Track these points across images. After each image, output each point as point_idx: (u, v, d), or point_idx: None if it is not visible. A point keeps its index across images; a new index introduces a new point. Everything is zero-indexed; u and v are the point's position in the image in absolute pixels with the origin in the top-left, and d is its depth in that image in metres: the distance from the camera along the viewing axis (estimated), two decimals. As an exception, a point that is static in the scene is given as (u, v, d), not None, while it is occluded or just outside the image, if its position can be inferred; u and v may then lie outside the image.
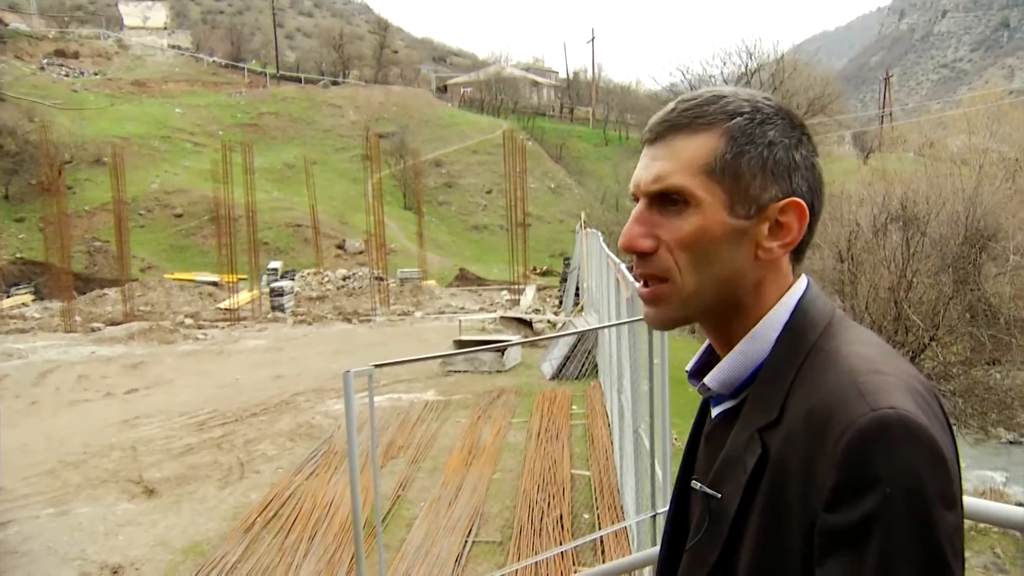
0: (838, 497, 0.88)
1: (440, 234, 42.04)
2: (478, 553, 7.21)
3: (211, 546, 7.47)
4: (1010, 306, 21.09)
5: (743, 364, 1.08)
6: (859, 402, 0.90)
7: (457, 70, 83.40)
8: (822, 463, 0.90)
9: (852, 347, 1.01)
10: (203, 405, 12.87)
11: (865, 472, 0.87)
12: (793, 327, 1.05)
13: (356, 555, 3.64)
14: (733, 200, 1.05)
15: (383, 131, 46.80)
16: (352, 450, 3.62)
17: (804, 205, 1.06)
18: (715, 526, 1.03)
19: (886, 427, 0.88)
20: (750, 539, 0.98)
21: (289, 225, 35.79)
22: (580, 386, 13.18)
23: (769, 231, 1.06)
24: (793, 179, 1.06)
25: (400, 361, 3.82)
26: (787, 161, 1.06)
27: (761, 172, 1.05)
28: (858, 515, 0.86)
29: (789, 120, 1.08)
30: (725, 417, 1.11)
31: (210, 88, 54.79)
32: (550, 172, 52.28)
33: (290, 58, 70.39)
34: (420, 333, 20.08)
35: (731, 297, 1.08)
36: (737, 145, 1.05)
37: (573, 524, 7.70)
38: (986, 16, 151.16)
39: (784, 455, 0.96)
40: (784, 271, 1.09)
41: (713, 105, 1.07)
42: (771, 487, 0.96)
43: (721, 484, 1.04)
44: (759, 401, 1.03)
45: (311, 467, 9.51)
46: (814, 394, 0.96)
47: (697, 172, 1.05)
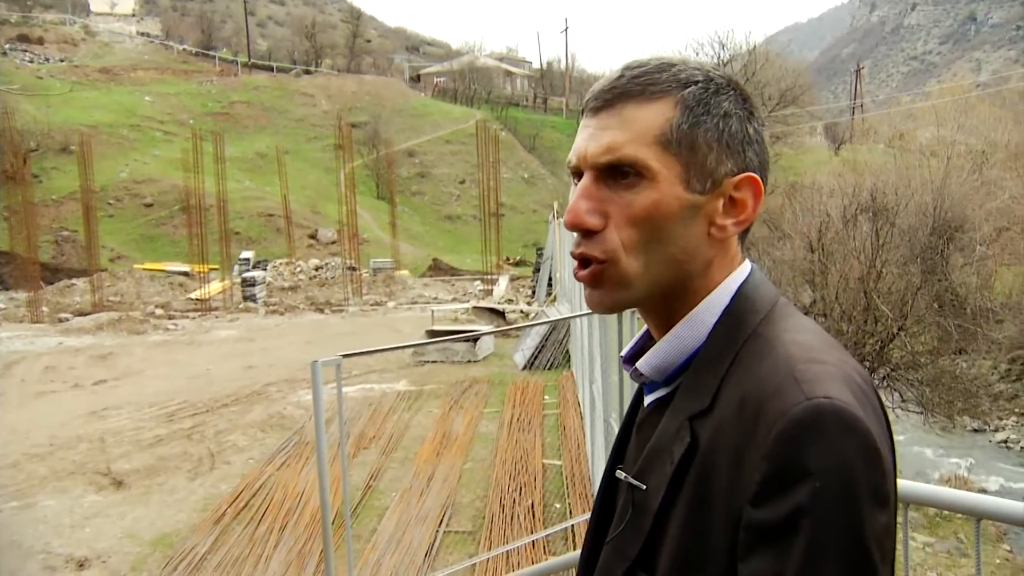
0: (766, 490, 0.83)
1: (413, 224, 41.90)
2: (449, 543, 7.21)
3: (180, 538, 7.41)
4: (976, 296, 21.39)
5: (678, 349, 1.01)
6: (794, 390, 0.85)
7: (430, 60, 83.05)
8: (752, 454, 0.85)
9: (791, 335, 0.95)
10: (173, 396, 12.75)
11: (795, 464, 0.82)
12: (733, 312, 0.99)
13: (325, 546, 3.63)
14: (689, 173, 0.98)
15: (356, 121, 46.52)
16: (320, 440, 3.60)
17: (759, 180, 1.00)
18: (637, 518, 0.97)
19: (820, 417, 0.83)
20: (674, 531, 0.92)
21: (261, 215, 35.51)
22: (552, 376, 13.20)
23: (724, 207, 0.99)
24: (747, 153, 1.00)
25: (369, 351, 3.81)
26: (742, 134, 1.00)
27: (717, 144, 0.98)
28: (785, 509, 0.81)
29: (739, 92, 1.02)
30: (657, 405, 1.04)
31: (180, 76, 54.17)
32: (523, 162, 52.24)
33: (262, 47, 69.74)
34: (393, 323, 20.03)
35: (680, 278, 1.01)
36: (693, 115, 0.98)
37: (544, 513, 7.71)
38: (954, 10, 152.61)
39: (713, 445, 0.90)
40: (733, 252, 1.03)
41: (665, 72, 1.00)
42: (698, 478, 0.91)
43: (647, 475, 0.97)
44: (692, 388, 0.97)
45: (282, 458, 9.46)
46: (747, 381, 0.90)
47: (651, 143, 0.97)
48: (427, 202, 46.44)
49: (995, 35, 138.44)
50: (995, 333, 20.13)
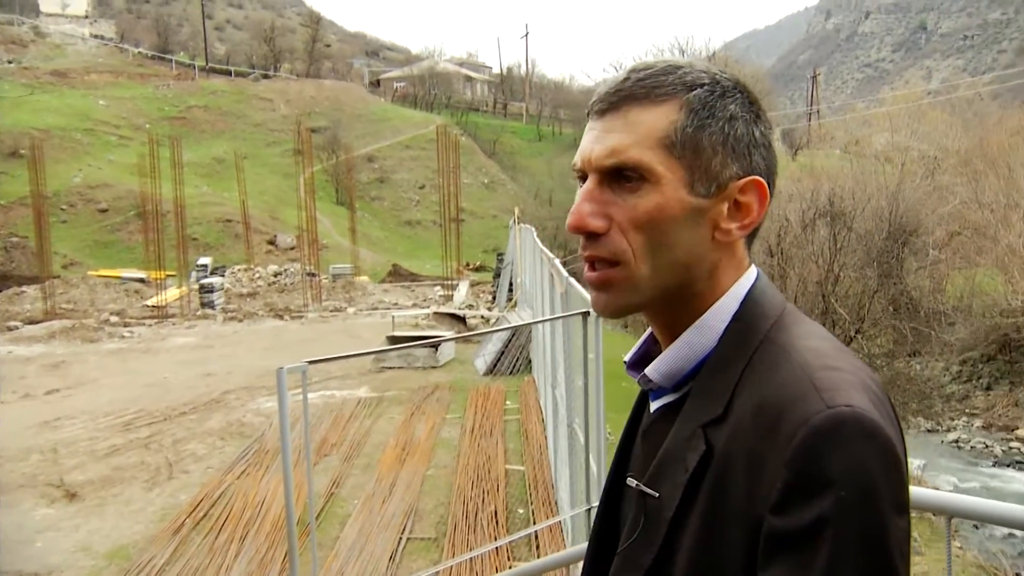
0: (787, 498, 0.82)
1: (373, 230, 41.73)
2: (413, 550, 7.17)
3: (137, 549, 7.26)
4: (929, 299, 21.82)
5: (688, 355, 1.00)
6: (814, 399, 0.85)
7: (390, 64, 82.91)
8: (771, 462, 0.84)
9: (805, 341, 0.94)
10: (129, 404, 12.50)
11: (818, 472, 0.82)
12: (742, 318, 0.99)
13: (290, 553, 3.56)
14: (693, 177, 0.97)
15: (315, 126, 46.23)
16: (285, 448, 3.53)
17: (765, 184, 0.99)
18: (651, 527, 0.96)
19: (842, 425, 0.83)
20: (688, 541, 0.91)
21: (219, 220, 35.10)
22: (514, 381, 13.18)
23: (728, 211, 0.99)
24: (753, 156, 0.99)
25: (334, 357, 3.75)
26: (748, 137, 0.99)
27: (722, 148, 0.98)
28: (808, 518, 0.81)
29: (746, 95, 1.01)
30: (665, 411, 1.04)
31: (136, 80, 53.34)
32: (483, 167, 52.29)
33: (219, 50, 69.09)
34: (353, 329, 19.89)
35: (686, 283, 1.00)
36: (698, 118, 0.97)
37: (508, 519, 7.69)
38: (906, 18, 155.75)
39: (729, 453, 0.89)
40: (739, 256, 1.03)
41: (671, 75, 0.99)
42: (714, 487, 0.90)
43: (659, 483, 0.97)
44: (704, 395, 0.96)
45: (242, 466, 9.32)
46: (763, 388, 0.90)
47: (656, 146, 0.97)
48: (387, 207, 46.28)
49: (944, 44, 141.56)
50: (947, 335, 20.56)
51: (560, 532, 6.93)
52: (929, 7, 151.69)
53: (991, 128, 29.95)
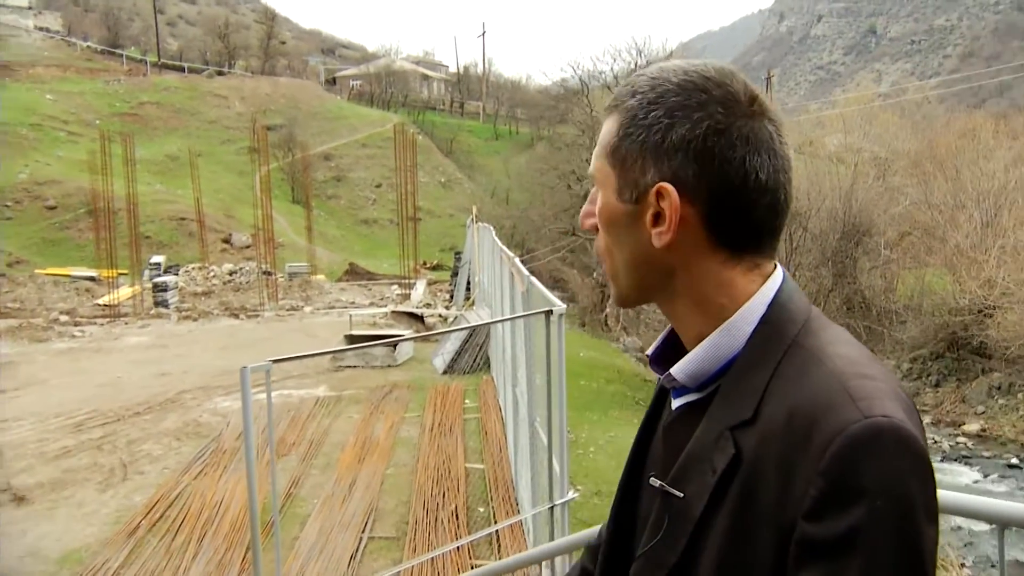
0: (822, 506, 0.83)
1: (329, 228, 41.45)
2: (374, 549, 7.15)
3: (90, 553, 7.12)
4: (882, 299, 22.24)
5: (714, 357, 1.01)
6: (849, 407, 0.85)
7: (346, 62, 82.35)
8: (804, 468, 0.85)
9: (835, 347, 0.95)
10: (81, 405, 12.24)
11: (854, 481, 0.82)
12: (770, 321, 0.99)
13: (253, 553, 3.51)
14: (620, 184, 1.02)
15: (271, 123, 45.84)
16: (249, 447, 3.48)
17: (671, 190, 0.97)
18: (675, 527, 0.97)
19: (879, 436, 0.83)
20: (714, 542, 0.92)
21: (172, 219, 34.53)
22: (472, 380, 13.17)
23: (652, 219, 1.00)
24: (671, 163, 0.97)
25: (298, 356, 3.71)
26: (665, 143, 0.98)
27: (640, 155, 0.99)
28: (843, 526, 0.82)
29: (691, 96, 0.98)
30: (688, 410, 1.04)
31: (85, 75, 52.26)
32: (440, 166, 52.20)
33: (172, 46, 67.99)
34: (310, 328, 19.73)
35: (647, 283, 1.05)
36: (622, 128, 1.01)
37: (468, 518, 7.69)
38: (856, 22, 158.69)
39: (759, 457, 0.90)
40: (711, 259, 1.01)
41: (626, 87, 1.03)
42: (743, 490, 0.91)
43: (684, 483, 0.97)
44: (731, 397, 0.97)
45: (199, 466, 9.21)
46: (796, 395, 0.90)
47: (601, 154, 1.04)
48: (343, 206, 46.00)
49: (893, 48, 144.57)
50: (899, 334, 20.97)
51: (521, 531, 6.94)
52: (879, 12, 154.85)
53: (939, 131, 30.58)
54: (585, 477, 8.87)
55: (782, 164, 1.00)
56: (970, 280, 19.13)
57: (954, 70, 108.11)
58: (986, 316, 18.70)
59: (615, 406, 14.08)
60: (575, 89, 37.75)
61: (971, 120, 31.33)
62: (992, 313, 18.37)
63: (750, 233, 1.00)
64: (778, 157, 0.99)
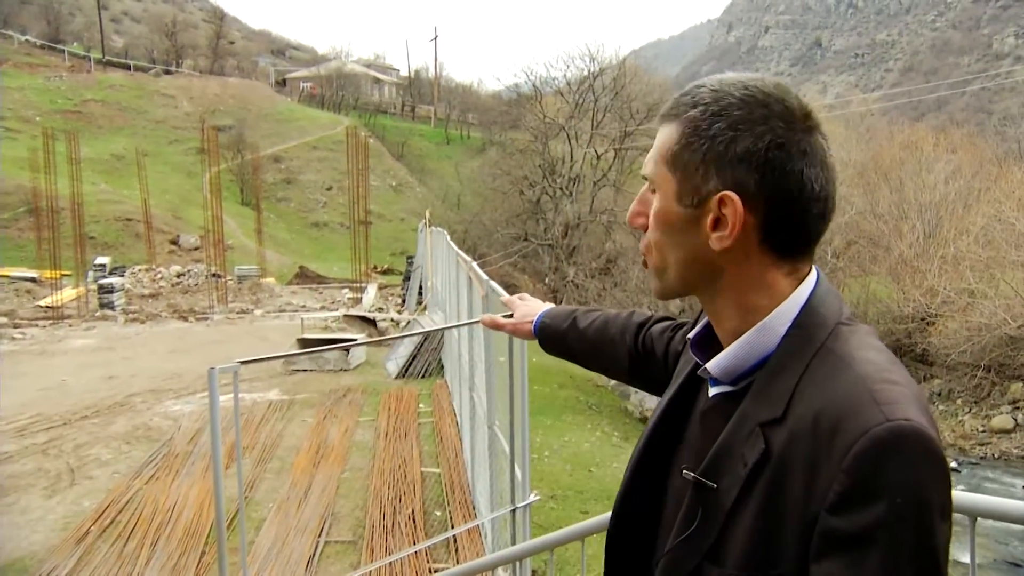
0: (844, 501, 0.90)
1: (279, 231, 40.99)
2: (331, 553, 7.08)
3: (36, 560, 6.90)
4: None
5: (749, 355, 1.08)
6: (873, 411, 0.92)
7: (296, 64, 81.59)
8: (828, 466, 0.92)
9: (862, 352, 1.01)
10: (23, 409, 11.87)
11: (876, 480, 0.89)
12: (802, 324, 1.06)
13: (219, 557, 3.49)
14: (681, 189, 1.09)
15: (220, 124, 45.13)
16: (216, 450, 3.46)
17: (736, 199, 1.04)
18: (709, 515, 1.04)
19: (901, 438, 0.90)
20: (743, 531, 1.00)
21: (118, 219, 33.79)
22: (426, 384, 13.13)
23: (712, 223, 1.07)
24: (735, 172, 1.05)
25: (266, 358, 3.72)
26: (729, 154, 1.05)
27: (703, 164, 1.06)
28: (865, 520, 0.88)
29: (753, 111, 1.05)
30: (723, 399, 1.12)
31: (24, 70, 50.95)
32: (391, 170, 51.98)
33: (117, 43, 66.67)
34: (261, 331, 19.48)
35: (695, 280, 1.13)
36: (685, 137, 1.08)
37: (425, 521, 7.66)
38: (802, 34, 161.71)
39: (787, 453, 0.97)
40: (759, 262, 1.08)
41: (687, 97, 1.10)
42: (771, 483, 0.98)
43: (718, 475, 1.05)
44: (762, 395, 1.04)
45: (151, 470, 9.03)
46: (823, 397, 0.97)
47: (660, 160, 1.12)
48: (293, 209, 45.55)
49: (838, 60, 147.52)
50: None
51: (479, 535, 6.95)
52: (824, 25, 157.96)
53: (883, 143, 31.35)
54: (540, 481, 8.92)
55: (831, 175, 1.08)
56: (913, 289, 19.63)
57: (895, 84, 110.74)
58: (928, 324, 19.21)
59: (568, 411, 14.17)
60: (528, 95, 37.84)
61: (913, 133, 32.18)
62: (934, 321, 18.88)
63: (800, 240, 1.08)
64: (828, 168, 1.08)
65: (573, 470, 10.12)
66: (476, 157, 48.50)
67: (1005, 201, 20.19)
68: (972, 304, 18.20)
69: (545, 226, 33.68)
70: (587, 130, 33.97)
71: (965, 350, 17.87)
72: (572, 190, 33.26)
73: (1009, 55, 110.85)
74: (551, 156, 34.22)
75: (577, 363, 1.85)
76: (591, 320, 1.76)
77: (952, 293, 18.84)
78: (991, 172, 25.57)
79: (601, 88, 34.25)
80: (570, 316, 1.79)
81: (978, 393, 18.29)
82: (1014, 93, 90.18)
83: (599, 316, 1.76)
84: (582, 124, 34.20)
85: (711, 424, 1.11)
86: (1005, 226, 19.38)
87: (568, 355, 1.83)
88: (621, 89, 33.69)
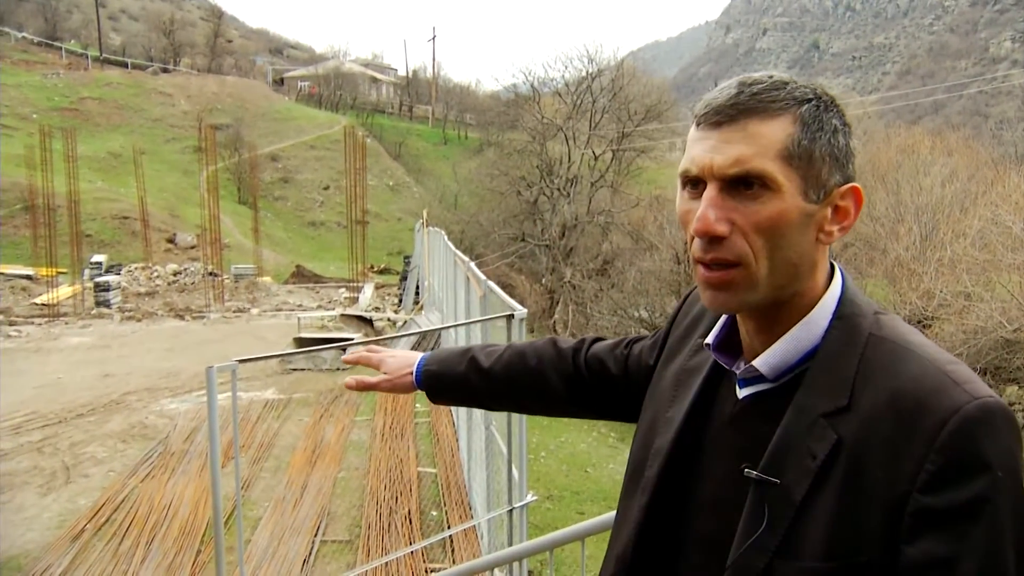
0: (942, 479, 0.91)
1: (276, 230, 40.95)
2: (327, 553, 7.09)
3: (31, 559, 6.91)
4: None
5: (795, 350, 1.09)
6: (956, 390, 0.95)
7: (294, 63, 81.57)
8: (914, 447, 0.93)
9: (915, 337, 1.05)
10: (19, 407, 11.87)
11: (975, 456, 0.91)
12: (844, 315, 1.08)
13: (216, 555, 3.49)
14: (807, 185, 1.06)
15: (217, 122, 45.11)
16: (214, 448, 3.46)
17: (860, 189, 1.09)
18: (776, 512, 1.03)
19: (993, 415, 0.93)
20: (821, 522, 0.99)
21: (115, 217, 33.69)
22: (423, 385, 13.11)
23: (831, 215, 1.08)
24: (851, 165, 1.09)
25: (264, 356, 3.73)
26: (847, 148, 1.08)
27: (829, 158, 1.07)
28: (967, 495, 0.90)
29: (840, 109, 1.10)
30: (757, 399, 1.12)
31: (20, 67, 50.79)
32: (389, 170, 51.95)
33: (115, 41, 66.54)
34: (257, 330, 19.46)
35: (793, 282, 1.09)
36: (810, 131, 1.06)
37: (422, 521, 7.67)
38: (800, 36, 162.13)
39: (862, 440, 0.98)
40: (825, 256, 1.12)
41: (782, 90, 1.07)
42: (847, 472, 0.98)
43: (781, 470, 1.03)
44: (820, 387, 1.04)
45: (146, 469, 9.04)
46: (894, 381, 0.99)
47: (776, 157, 1.05)
48: (290, 208, 45.49)
49: (835, 63, 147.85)
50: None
51: (475, 535, 6.96)
52: (821, 27, 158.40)
53: (880, 145, 31.33)
54: (536, 482, 8.93)
55: None
56: (910, 291, 19.62)
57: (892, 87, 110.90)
58: (925, 327, 19.19)
59: (564, 411, 14.15)
60: (526, 95, 37.81)
61: (909, 136, 32.20)
62: (930, 324, 18.86)
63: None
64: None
65: (570, 470, 10.13)
66: (474, 157, 48.42)
67: (1001, 204, 20.18)
68: (968, 307, 18.20)
69: (542, 227, 33.65)
70: (585, 131, 33.94)
71: (961, 353, 17.85)
72: (569, 191, 33.23)
73: (1005, 59, 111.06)
74: (549, 157, 34.18)
75: (481, 406, 1.75)
76: (497, 355, 1.63)
77: (948, 296, 18.84)
78: (987, 175, 25.58)
79: (599, 89, 34.22)
80: (464, 356, 1.66)
81: (974, 396, 18.25)
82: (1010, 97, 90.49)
83: (505, 350, 1.65)
84: (580, 125, 34.17)
85: (747, 424, 1.12)
86: (1001, 229, 19.37)
87: (470, 399, 1.71)
88: (619, 90, 33.65)
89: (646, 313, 19.00)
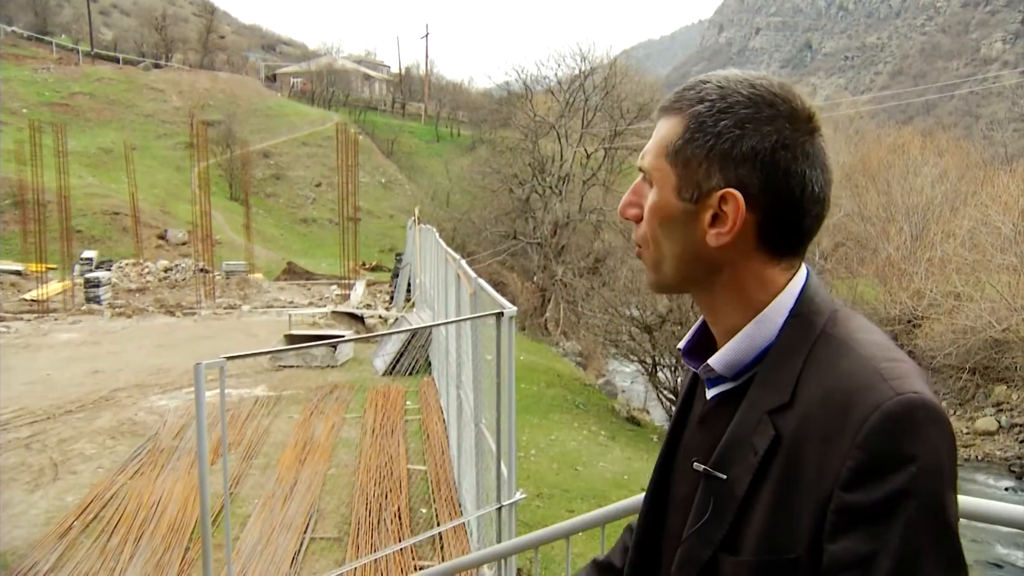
0: (861, 476, 0.91)
1: (267, 227, 40.85)
2: (316, 549, 7.07)
3: (17, 556, 6.85)
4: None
5: (749, 347, 1.09)
6: (883, 386, 0.94)
7: (286, 59, 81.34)
8: (840, 444, 0.93)
9: (864, 335, 1.04)
10: (7, 403, 11.77)
11: (893, 452, 0.90)
12: (799, 314, 1.07)
13: (204, 552, 3.48)
14: (680, 184, 1.08)
15: (209, 119, 44.96)
16: (202, 445, 3.46)
17: (738, 197, 1.05)
18: (721, 506, 1.05)
19: (913, 410, 0.92)
20: (759, 517, 1.00)
21: (106, 213, 33.55)
22: (413, 382, 13.11)
23: (711, 219, 1.07)
24: (738, 171, 1.05)
25: (252, 353, 3.72)
26: (733, 152, 1.05)
27: (706, 160, 1.06)
28: (884, 492, 0.90)
29: (760, 110, 1.06)
30: (723, 399, 1.13)
31: (10, 61, 50.49)
32: (381, 167, 51.90)
33: (106, 36, 66.28)
34: (248, 327, 19.40)
35: (692, 276, 1.12)
36: (689, 132, 1.07)
37: (411, 518, 7.66)
38: (792, 36, 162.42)
39: (798, 436, 0.98)
40: (756, 259, 1.09)
41: (691, 91, 1.09)
42: (784, 468, 0.99)
43: (727, 466, 1.05)
44: (767, 384, 1.05)
45: (136, 466, 8.99)
46: (831, 378, 0.99)
47: (660, 153, 1.10)
48: (282, 204, 45.41)
49: (827, 63, 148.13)
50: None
51: (464, 532, 6.96)
52: (814, 27, 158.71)
53: (871, 145, 31.50)
54: (527, 480, 8.93)
55: (830, 177, 1.10)
56: (900, 291, 19.74)
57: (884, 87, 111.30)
58: (914, 326, 19.31)
59: (555, 409, 14.18)
60: (518, 93, 37.79)
61: (900, 136, 32.35)
62: (920, 323, 18.99)
63: (797, 239, 1.09)
64: (827, 171, 1.10)
65: (559, 469, 10.13)
66: (466, 155, 48.39)
67: (991, 205, 20.31)
68: (958, 307, 18.31)
69: (534, 224, 33.65)
70: (577, 129, 33.92)
71: (950, 352, 17.98)
72: (561, 189, 33.23)
73: (997, 60, 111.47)
74: (541, 155, 34.17)
75: None
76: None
77: (938, 296, 18.95)
78: (978, 176, 25.75)
79: (592, 87, 34.21)
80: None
81: (963, 395, 18.42)
82: (1001, 98, 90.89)
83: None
84: (572, 123, 34.15)
85: (713, 423, 1.13)
86: (991, 229, 19.50)
87: None
88: (612, 89, 33.63)
89: (637, 312, 19.02)
